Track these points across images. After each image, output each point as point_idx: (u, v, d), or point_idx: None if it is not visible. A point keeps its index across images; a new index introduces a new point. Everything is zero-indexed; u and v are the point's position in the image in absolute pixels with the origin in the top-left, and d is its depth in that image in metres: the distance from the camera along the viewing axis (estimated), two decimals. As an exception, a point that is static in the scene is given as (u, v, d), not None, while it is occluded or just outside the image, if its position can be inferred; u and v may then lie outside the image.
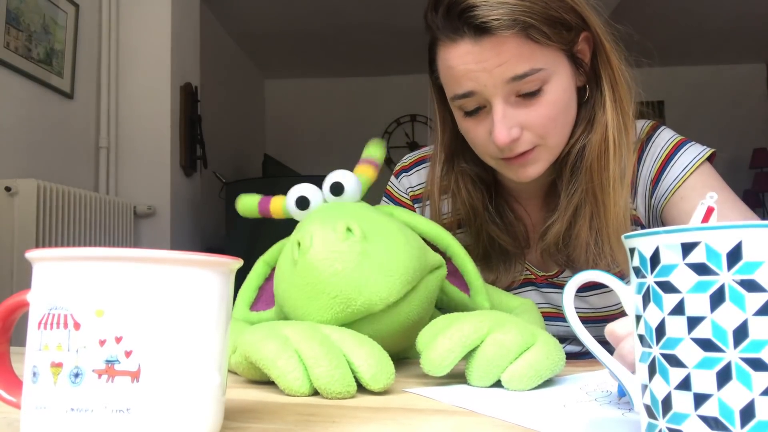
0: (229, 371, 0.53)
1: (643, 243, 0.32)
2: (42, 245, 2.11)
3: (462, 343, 0.53)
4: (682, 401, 0.30)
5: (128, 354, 0.32)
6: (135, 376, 0.32)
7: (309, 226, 0.59)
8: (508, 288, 0.90)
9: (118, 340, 0.32)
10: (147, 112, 2.83)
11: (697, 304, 0.30)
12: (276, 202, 0.71)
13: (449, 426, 0.41)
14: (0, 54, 2.15)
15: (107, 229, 2.50)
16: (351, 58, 4.91)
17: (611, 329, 0.44)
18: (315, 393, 0.51)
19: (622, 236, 0.35)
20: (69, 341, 0.32)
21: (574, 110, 0.81)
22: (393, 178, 1.02)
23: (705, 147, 0.85)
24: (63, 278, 0.33)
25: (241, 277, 0.70)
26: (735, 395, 0.28)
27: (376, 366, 0.51)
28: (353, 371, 0.51)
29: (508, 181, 0.90)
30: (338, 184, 0.67)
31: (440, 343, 0.53)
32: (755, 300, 0.29)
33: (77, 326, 0.32)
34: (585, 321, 0.90)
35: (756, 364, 0.28)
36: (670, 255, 0.31)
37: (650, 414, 0.32)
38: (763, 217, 4.54)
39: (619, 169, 0.79)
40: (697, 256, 0.30)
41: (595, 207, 0.81)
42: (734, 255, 0.29)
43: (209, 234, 3.50)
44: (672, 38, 4.51)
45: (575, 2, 0.77)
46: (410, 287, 0.59)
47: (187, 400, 0.33)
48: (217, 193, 3.69)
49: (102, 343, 0.32)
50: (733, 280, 0.29)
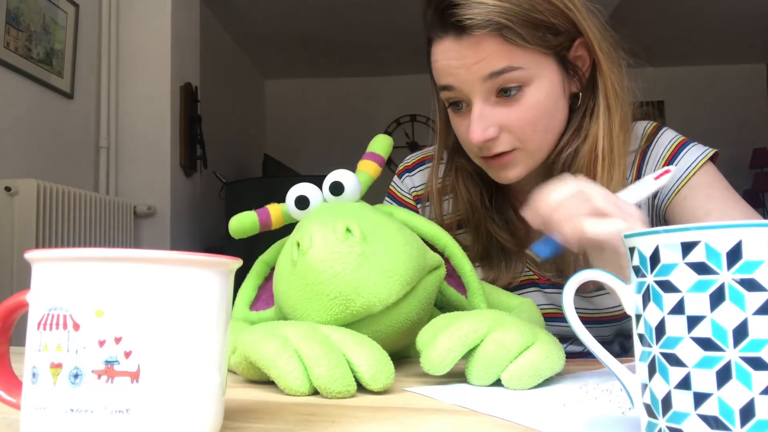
0: (229, 371, 0.53)
1: (643, 242, 0.32)
2: (42, 245, 2.11)
3: (462, 343, 0.53)
4: (682, 400, 0.30)
5: (128, 354, 0.32)
6: (134, 377, 0.32)
7: (308, 227, 0.58)
8: (509, 286, 0.90)
9: (118, 341, 0.32)
10: (147, 112, 2.83)
11: (697, 304, 0.30)
12: (274, 210, 0.70)
13: (449, 425, 0.41)
14: (0, 54, 2.15)
15: (107, 229, 2.50)
16: (351, 58, 4.91)
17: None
18: (315, 393, 0.51)
19: (622, 236, 0.35)
20: (68, 342, 0.32)
21: (562, 116, 0.80)
22: (396, 178, 1.02)
23: (707, 147, 0.85)
24: (62, 279, 0.33)
25: (241, 277, 0.70)
26: (735, 394, 0.28)
27: (376, 366, 0.51)
28: (353, 371, 0.51)
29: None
30: (338, 184, 0.67)
31: (440, 343, 0.53)
32: (755, 299, 0.29)
33: (77, 327, 0.32)
34: (589, 321, 0.90)
35: (756, 364, 0.28)
36: (670, 254, 0.31)
37: (650, 413, 0.32)
38: (764, 217, 4.53)
39: (608, 183, 0.78)
40: (697, 256, 0.30)
41: None
42: (734, 254, 0.29)
43: (209, 234, 3.50)
44: (672, 38, 4.51)
45: (568, 7, 0.76)
46: (409, 288, 0.59)
47: (187, 401, 0.33)
48: (217, 193, 3.69)
49: (101, 344, 0.32)
50: (733, 280, 0.29)
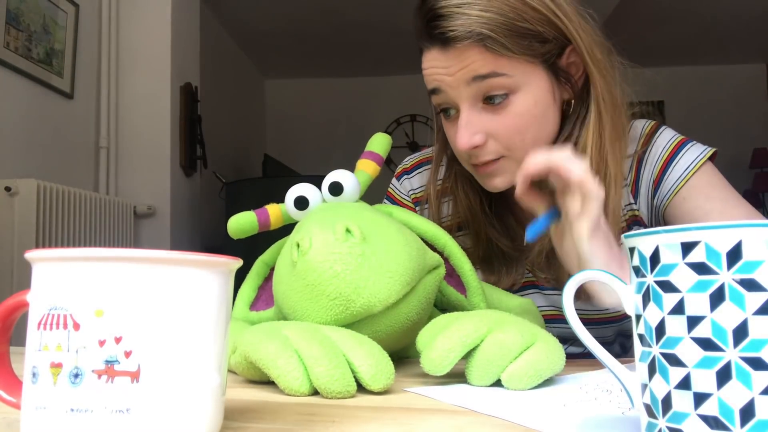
0: (229, 371, 0.53)
1: (643, 242, 0.32)
2: (42, 245, 2.11)
3: (462, 343, 0.53)
4: (682, 400, 0.30)
5: (128, 354, 0.32)
6: (135, 377, 0.32)
7: (308, 228, 0.59)
8: (510, 289, 0.90)
9: (118, 341, 0.32)
10: (147, 112, 2.83)
11: (697, 304, 0.30)
12: (273, 210, 0.70)
13: (449, 426, 0.41)
14: (0, 54, 2.15)
15: (107, 229, 2.50)
16: (351, 58, 4.91)
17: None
18: (315, 393, 0.51)
19: (622, 236, 0.35)
20: (69, 341, 0.32)
21: (552, 124, 0.79)
22: (394, 180, 1.02)
23: (706, 147, 0.85)
24: (63, 278, 0.33)
25: (241, 277, 0.70)
26: (735, 394, 0.28)
27: (376, 366, 0.51)
28: (353, 371, 0.51)
29: None
30: (337, 184, 0.67)
31: (440, 343, 0.53)
32: (755, 299, 0.29)
33: (77, 326, 0.32)
34: (590, 322, 0.90)
35: (756, 364, 0.28)
36: (670, 254, 0.31)
37: (650, 413, 0.32)
38: (764, 217, 4.53)
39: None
40: (697, 256, 0.30)
41: None
42: (734, 254, 0.29)
43: (209, 234, 3.50)
44: (672, 38, 4.51)
45: (556, 15, 0.75)
46: (409, 288, 0.59)
47: (187, 400, 0.33)
48: (217, 193, 3.69)
49: (102, 344, 0.32)
50: (733, 280, 0.29)
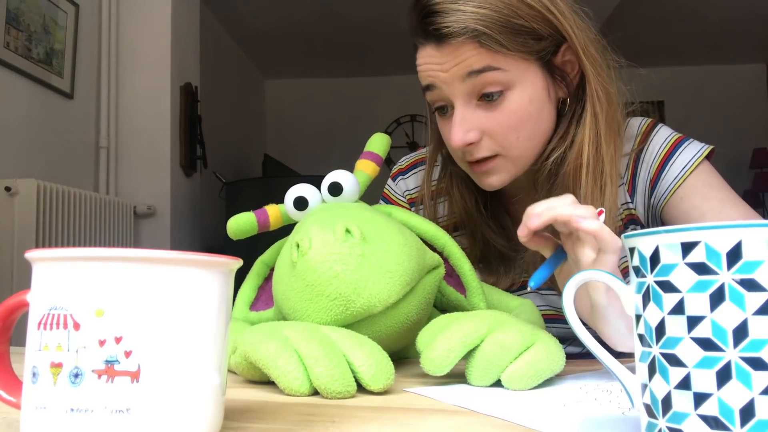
0: (229, 371, 0.53)
1: (643, 242, 0.32)
2: (42, 245, 2.11)
3: (462, 343, 0.53)
4: (682, 400, 0.30)
5: (128, 354, 0.32)
6: (135, 377, 0.32)
7: (308, 228, 0.59)
8: (508, 290, 0.90)
9: (118, 341, 0.32)
10: (147, 112, 2.83)
11: (697, 304, 0.30)
12: (273, 211, 0.70)
13: (449, 426, 0.41)
14: (0, 54, 2.15)
15: (107, 229, 2.50)
16: (351, 58, 4.91)
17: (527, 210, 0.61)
18: (315, 393, 0.51)
19: (622, 236, 0.35)
20: (69, 341, 0.32)
21: (547, 122, 0.79)
22: (390, 181, 1.02)
23: (704, 144, 0.84)
24: (63, 278, 0.33)
25: (241, 277, 0.70)
26: (735, 394, 0.28)
27: (376, 366, 0.51)
28: (353, 372, 0.51)
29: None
30: (336, 185, 0.67)
31: (440, 343, 0.53)
32: (755, 299, 0.29)
33: (77, 326, 0.32)
34: (584, 322, 0.90)
35: (756, 364, 0.28)
36: (670, 254, 0.31)
37: (650, 413, 0.32)
38: (764, 217, 4.54)
39: (593, 189, 0.78)
40: (697, 256, 0.30)
41: None
42: (734, 254, 0.29)
43: (209, 234, 3.50)
44: (672, 38, 4.51)
45: (551, 12, 0.75)
46: (409, 288, 0.59)
47: (187, 400, 0.33)
48: (217, 193, 3.69)
49: (102, 344, 0.32)
50: (733, 280, 0.29)
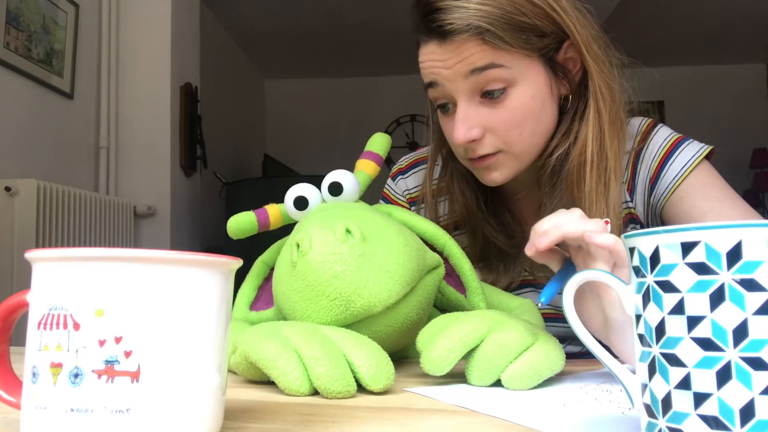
0: (229, 371, 0.53)
1: (643, 242, 0.32)
2: (42, 245, 2.11)
3: (462, 343, 0.53)
4: (682, 400, 0.30)
5: (128, 354, 0.32)
6: (135, 377, 0.32)
7: (308, 228, 0.58)
8: (507, 288, 0.90)
9: (118, 341, 0.32)
10: (147, 112, 2.83)
11: (697, 304, 0.30)
12: (273, 210, 0.70)
13: (449, 426, 0.41)
14: (0, 54, 2.15)
15: (107, 229, 2.50)
16: (351, 58, 4.91)
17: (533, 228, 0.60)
18: (315, 393, 0.51)
19: (622, 236, 0.35)
20: (69, 341, 0.32)
21: (550, 118, 0.79)
22: (390, 181, 1.02)
23: (703, 144, 0.84)
24: (63, 278, 0.33)
25: (241, 277, 0.70)
26: (735, 394, 0.28)
27: (376, 367, 0.51)
28: (353, 372, 0.51)
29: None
30: (337, 184, 0.67)
31: (440, 343, 0.53)
32: (755, 299, 0.29)
33: (77, 326, 0.32)
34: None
35: (756, 364, 0.28)
36: (670, 254, 0.31)
37: (650, 413, 0.32)
38: (764, 217, 4.53)
39: (597, 185, 0.78)
40: (697, 256, 0.30)
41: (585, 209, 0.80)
42: (734, 254, 0.29)
43: (209, 234, 3.50)
44: (672, 38, 4.51)
45: (554, 9, 0.75)
46: (409, 288, 0.59)
47: (187, 400, 0.33)
48: (217, 193, 3.69)
49: (102, 344, 0.32)
50: (733, 280, 0.29)
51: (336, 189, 0.67)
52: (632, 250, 0.34)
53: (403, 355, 0.71)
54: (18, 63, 2.24)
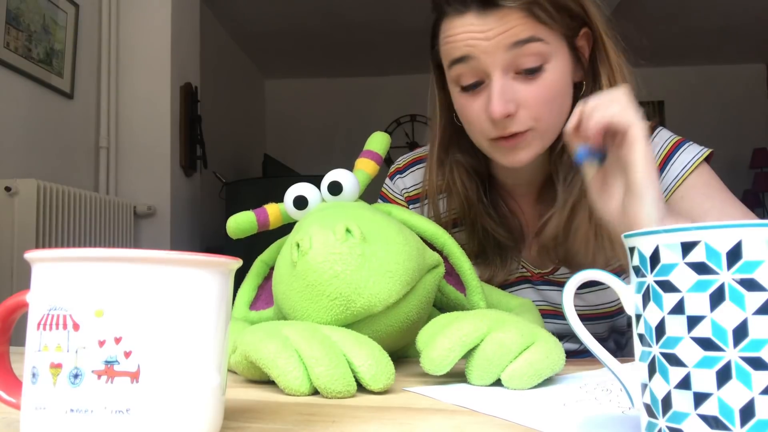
0: (229, 371, 0.53)
1: (643, 242, 0.32)
2: (42, 245, 2.11)
3: (462, 342, 0.53)
4: (682, 400, 0.30)
5: (127, 354, 0.32)
6: (134, 377, 0.32)
7: (308, 228, 0.58)
8: (504, 284, 0.90)
9: (118, 341, 0.32)
10: (147, 112, 2.83)
11: (697, 304, 0.30)
12: (273, 210, 0.70)
13: (449, 425, 0.41)
14: (0, 54, 2.15)
15: (107, 229, 2.50)
16: (351, 58, 4.91)
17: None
18: (315, 392, 0.51)
19: (622, 235, 0.35)
20: (68, 342, 0.32)
21: (570, 102, 0.80)
22: (387, 180, 1.02)
23: (703, 147, 0.85)
24: (62, 279, 0.33)
25: (241, 277, 0.70)
26: (735, 394, 0.28)
27: (376, 366, 0.51)
28: (353, 371, 0.51)
29: (502, 176, 0.90)
30: (336, 184, 0.67)
31: (440, 342, 0.53)
32: (755, 299, 0.28)
33: (76, 327, 0.32)
34: (582, 318, 0.90)
35: (756, 363, 0.28)
36: (670, 254, 0.31)
37: (650, 413, 0.32)
38: (763, 217, 4.54)
39: None
40: (697, 255, 0.30)
41: None
42: (734, 254, 0.29)
43: (209, 234, 3.50)
44: (672, 38, 4.51)
45: None
46: (409, 288, 0.59)
47: (187, 401, 0.33)
48: (217, 193, 3.69)
49: (101, 344, 0.32)
50: (733, 280, 0.29)
51: (336, 188, 0.67)
52: (632, 250, 0.34)
53: (403, 355, 0.71)
54: (18, 63, 2.24)
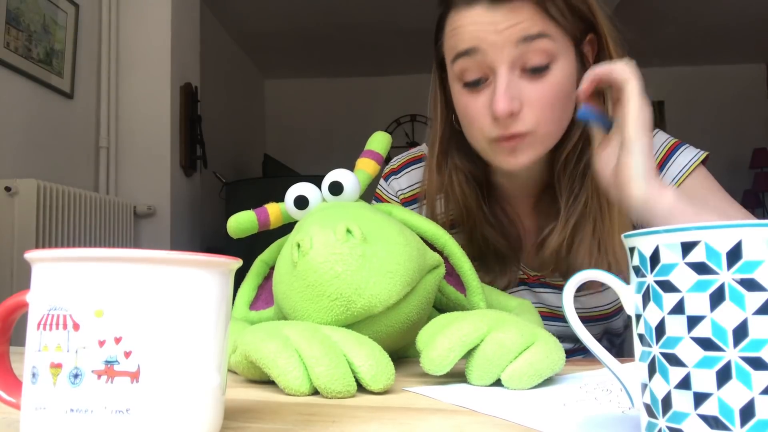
0: (229, 371, 0.53)
1: (643, 242, 0.32)
2: (42, 245, 2.11)
3: (462, 342, 0.53)
4: (682, 400, 0.30)
5: (127, 354, 0.32)
6: (134, 377, 0.32)
7: (308, 228, 0.58)
8: (504, 290, 0.90)
9: (118, 341, 0.32)
10: (147, 112, 2.83)
11: (697, 304, 0.30)
12: (273, 209, 0.70)
13: (449, 425, 0.41)
14: (0, 54, 2.15)
15: (107, 229, 2.50)
16: (351, 58, 4.91)
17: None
18: (315, 392, 0.51)
19: (622, 235, 0.35)
20: (68, 342, 0.32)
21: (571, 108, 0.79)
22: (382, 181, 1.01)
23: (699, 150, 0.85)
24: (62, 279, 0.33)
25: (241, 277, 0.70)
26: (735, 394, 0.28)
27: (377, 366, 0.51)
28: (353, 372, 0.51)
29: (501, 182, 0.90)
30: (337, 184, 0.67)
31: (440, 342, 0.53)
32: (755, 299, 0.28)
33: (76, 327, 0.32)
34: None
35: (756, 363, 0.28)
36: (670, 254, 0.31)
37: (650, 413, 0.32)
38: (763, 217, 4.54)
39: None
40: (697, 255, 0.30)
41: (599, 214, 0.80)
42: (734, 254, 0.29)
43: (209, 234, 3.50)
44: (672, 38, 4.51)
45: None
46: (410, 288, 0.59)
47: (187, 401, 0.33)
48: (217, 193, 3.69)
49: (101, 344, 0.32)
50: (733, 279, 0.29)
51: (336, 188, 0.67)
52: (632, 250, 0.34)
53: (403, 355, 0.71)
54: (18, 63, 2.24)
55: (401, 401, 0.49)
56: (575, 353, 0.91)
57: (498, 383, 0.53)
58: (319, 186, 0.68)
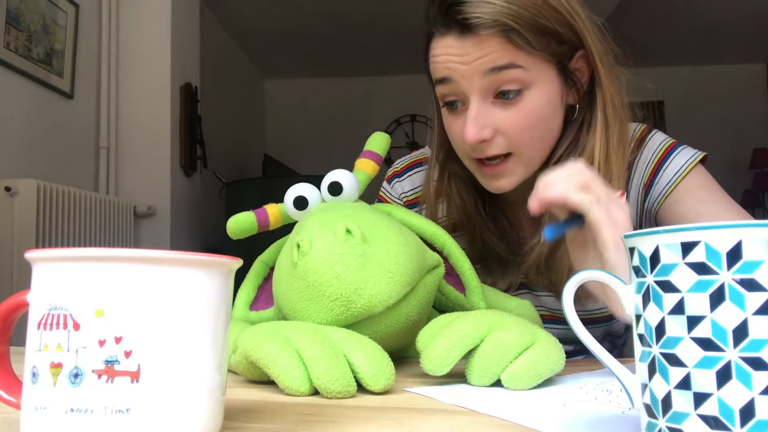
0: (229, 371, 0.53)
1: (643, 242, 0.32)
2: (42, 245, 2.11)
3: (462, 343, 0.53)
4: (682, 400, 0.30)
5: (128, 354, 0.32)
6: (135, 377, 0.32)
7: (308, 228, 0.58)
8: (506, 292, 0.89)
9: (118, 341, 0.32)
10: (147, 112, 2.83)
11: (697, 304, 0.30)
12: (273, 210, 0.70)
13: (449, 425, 0.41)
14: (0, 54, 2.15)
15: (107, 229, 2.50)
16: (351, 58, 4.91)
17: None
18: (315, 393, 0.51)
19: (622, 235, 0.35)
20: (68, 342, 0.32)
21: (557, 126, 0.79)
22: (385, 184, 1.01)
23: (697, 150, 0.85)
24: (62, 278, 0.33)
25: (241, 277, 0.70)
26: (735, 394, 0.28)
27: (377, 367, 0.51)
28: (353, 372, 0.51)
29: None
30: (336, 184, 0.67)
31: (440, 343, 0.53)
32: (755, 299, 0.29)
33: (77, 326, 0.32)
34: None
35: (756, 364, 0.28)
36: (670, 254, 0.31)
37: (650, 413, 0.32)
38: (763, 217, 4.54)
39: None
40: (697, 256, 0.30)
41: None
42: (734, 254, 0.29)
43: (209, 234, 3.50)
44: (672, 38, 4.51)
45: (573, 18, 0.75)
46: (409, 288, 0.59)
47: (187, 400, 0.33)
48: (217, 193, 3.69)
49: (101, 344, 0.32)
50: (733, 280, 0.29)
51: (336, 189, 0.67)
52: (632, 250, 0.34)
53: (403, 355, 0.71)
54: (18, 63, 2.24)
55: (401, 401, 0.49)
56: (576, 355, 0.91)
57: (498, 383, 0.53)
58: (319, 186, 0.68)
